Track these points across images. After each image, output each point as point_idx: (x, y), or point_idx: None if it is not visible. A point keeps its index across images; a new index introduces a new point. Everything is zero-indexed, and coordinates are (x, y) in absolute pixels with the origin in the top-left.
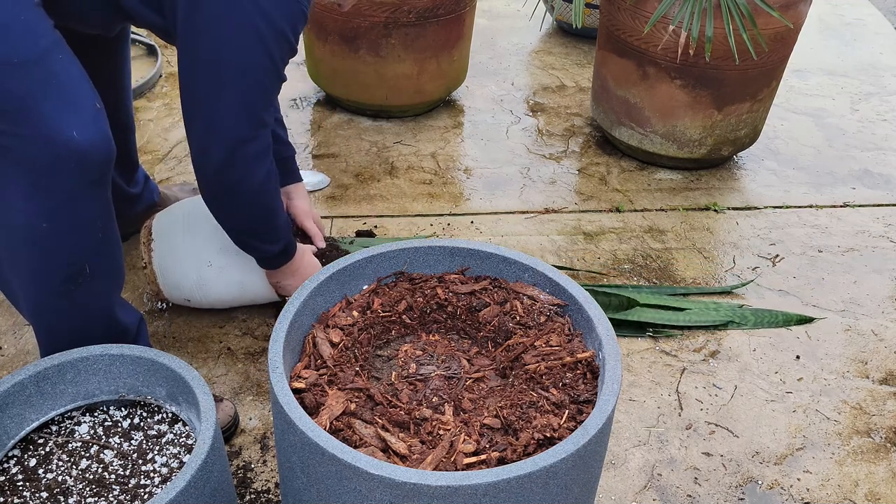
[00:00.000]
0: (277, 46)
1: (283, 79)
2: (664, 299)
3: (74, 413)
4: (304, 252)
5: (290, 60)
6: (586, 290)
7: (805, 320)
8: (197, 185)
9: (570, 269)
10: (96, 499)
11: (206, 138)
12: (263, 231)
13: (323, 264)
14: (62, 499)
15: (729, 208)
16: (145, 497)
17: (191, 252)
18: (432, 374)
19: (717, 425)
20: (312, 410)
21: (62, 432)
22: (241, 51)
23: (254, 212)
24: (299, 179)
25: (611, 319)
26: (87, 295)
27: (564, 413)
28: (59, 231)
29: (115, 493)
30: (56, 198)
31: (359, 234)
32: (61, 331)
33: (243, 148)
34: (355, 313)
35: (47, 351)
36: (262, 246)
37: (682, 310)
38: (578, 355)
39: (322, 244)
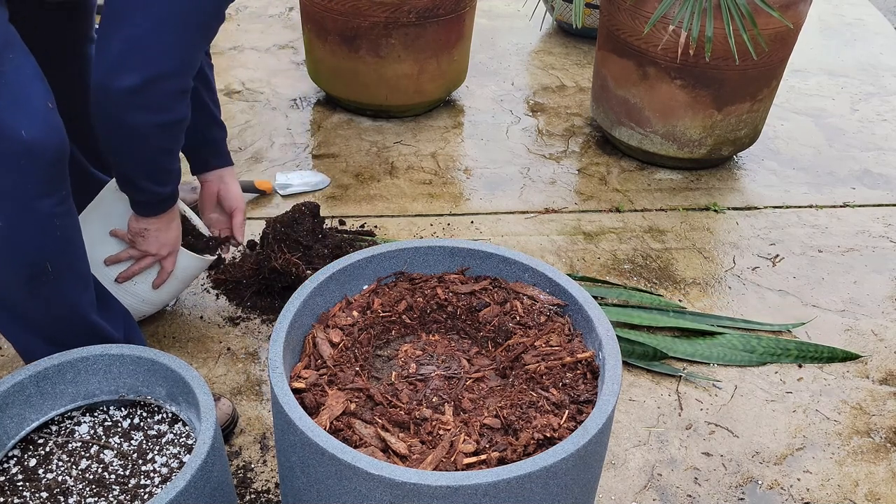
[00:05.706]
0: None
1: (222, 19)
2: (696, 321)
3: (74, 413)
4: (177, 207)
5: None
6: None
7: (851, 357)
8: (95, 121)
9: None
10: (96, 499)
11: (123, 61)
12: (160, 172)
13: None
14: (62, 499)
15: (729, 208)
16: (145, 497)
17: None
18: (432, 374)
19: (717, 425)
20: (312, 410)
21: (62, 432)
22: None
23: (155, 152)
24: (230, 163)
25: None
26: (54, 296)
27: (564, 413)
28: (16, 229)
29: (115, 493)
30: (10, 196)
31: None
32: (32, 333)
33: (164, 82)
34: (355, 313)
35: (24, 358)
36: (151, 188)
37: (712, 335)
38: (578, 355)
39: (241, 238)
